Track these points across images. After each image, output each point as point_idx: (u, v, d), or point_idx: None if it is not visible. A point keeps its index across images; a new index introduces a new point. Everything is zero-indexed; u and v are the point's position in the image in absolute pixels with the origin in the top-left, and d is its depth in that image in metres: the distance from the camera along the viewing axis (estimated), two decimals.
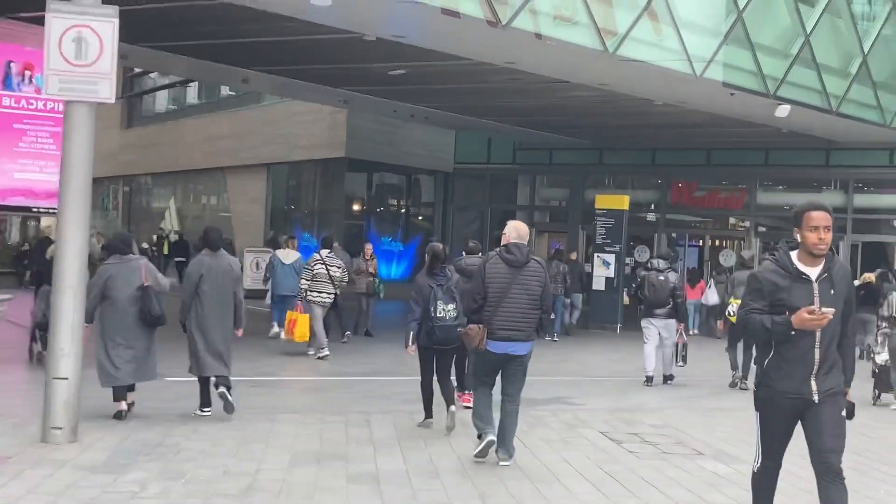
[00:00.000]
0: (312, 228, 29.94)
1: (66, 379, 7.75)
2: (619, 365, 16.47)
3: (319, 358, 14.93)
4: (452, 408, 9.43)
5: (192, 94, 38.55)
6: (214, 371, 9.71)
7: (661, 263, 13.92)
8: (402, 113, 25.15)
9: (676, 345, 13.73)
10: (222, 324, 9.84)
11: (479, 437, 8.41)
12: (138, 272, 9.39)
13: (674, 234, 28.96)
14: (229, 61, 19.66)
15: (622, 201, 23.14)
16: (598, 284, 22.42)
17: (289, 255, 17.82)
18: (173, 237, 34.85)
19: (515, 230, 8.31)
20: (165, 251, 32.95)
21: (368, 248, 19.74)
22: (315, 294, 15.25)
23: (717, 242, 29.37)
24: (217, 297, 9.76)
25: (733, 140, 25.71)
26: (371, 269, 18.98)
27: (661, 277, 13.65)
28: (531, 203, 31.08)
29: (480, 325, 8.08)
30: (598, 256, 22.84)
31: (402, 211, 32.29)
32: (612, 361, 17.01)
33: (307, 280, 15.46)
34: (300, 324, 14.78)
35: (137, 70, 40.52)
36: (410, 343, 9.43)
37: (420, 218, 32.34)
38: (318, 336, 15.09)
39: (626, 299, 22.97)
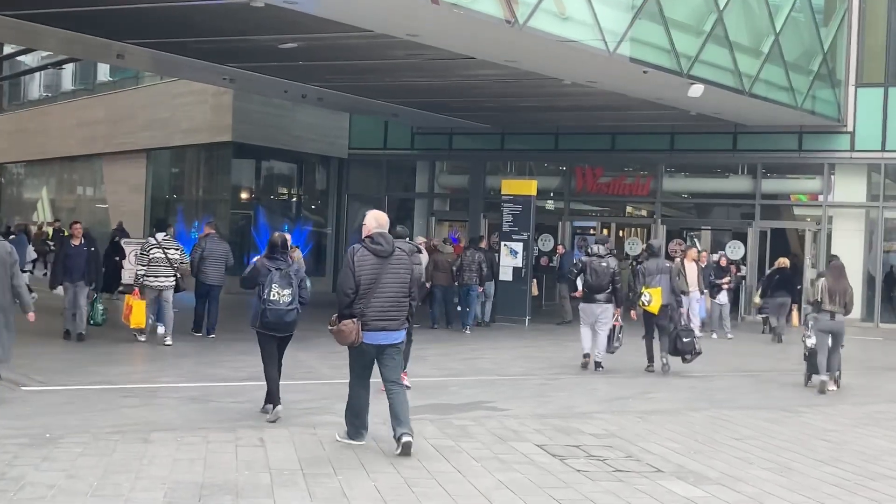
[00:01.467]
0: (197, 218, 27.95)
1: None
2: (534, 362, 15.21)
3: (166, 344, 14.78)
4: (280, 407, 9.29)
5: (66, 76, 36.09)
6: None
7: (601, 249, 14.17)
8: (293, 93, 23.45)
9: (613, 328, 14.01)
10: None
11: (353, 429, 8.36)
12: None
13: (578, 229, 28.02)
14: (102, 33, 17.78)
15: (530, 186, 21.92)
16: (506, 275, 21.13)
17: None
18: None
19: (375, 219, 8.32)
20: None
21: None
22: (152, 278, 15.09)
23: (623, 231, 28.52)
24: None
25: (639, 124, 24.94)
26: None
27: (604, 263, 13.90)
28: (430, 190, 29.77)
29: (354, 320, 7.98)
30: (504, 245, 21.55)
31: (294, 200, 30.54)
32: (526, 358, 15.70)
33: (143, 266, 15.23)
34: (136, 310, 14.83)
35: (7, 51, 38.11)
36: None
37: (313, 207, 30.63)
38: (167, 322, 15.05)
39: (534, 290, 21.81)
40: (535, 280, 21.99)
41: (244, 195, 28.74)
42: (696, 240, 26.51)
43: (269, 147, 27.78)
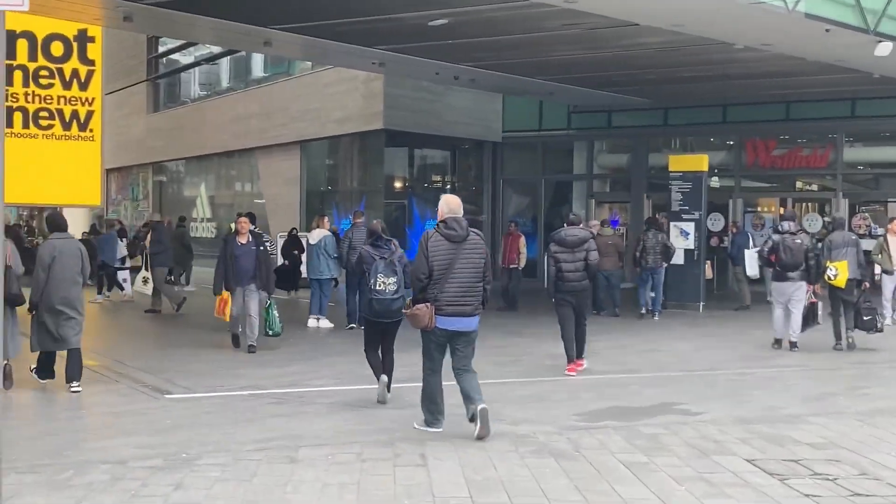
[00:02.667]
0: (351, 210, 27.31)
1: None
2: (718, 353, 13.79)
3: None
4: (384, 377, 9.49)
5: (222, 74, 36.13)
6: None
7: (792, 226, 13.78)
8: (444, 75, 22.48)
9: (812, 305, 13.65)
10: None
11: (431, 417, 8.25)
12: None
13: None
14: (248, 19, 17.17)
15: (700, 161, 20.36)
16: (677, 258, 19.65)
17: (315, 235, 16.48)
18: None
19: (447, 205, 8.25)
20: None
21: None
22: None
23: (798, 207, 26.53)
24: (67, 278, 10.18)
25: (816, 90, 22.96)
26: None
27: (798, 240, 13.50)
28: (589, 171, 28.41)
29: (428, 304, 7.98)
30: (674, 226, 20.08)
31: (448, 187, 29.59)
32: (709, 349, 14.27)
33: None
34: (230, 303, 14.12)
35: (161, 49, 38.54)
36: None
37: (466, 194, 29.62)
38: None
39: (708, 272, 20.29)
40: (708, 262, 20.47)
41: (397, 184, 27.98)
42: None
43: (422, 133, 26.91)
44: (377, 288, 9.23)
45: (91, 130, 28.24)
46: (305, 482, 6.52)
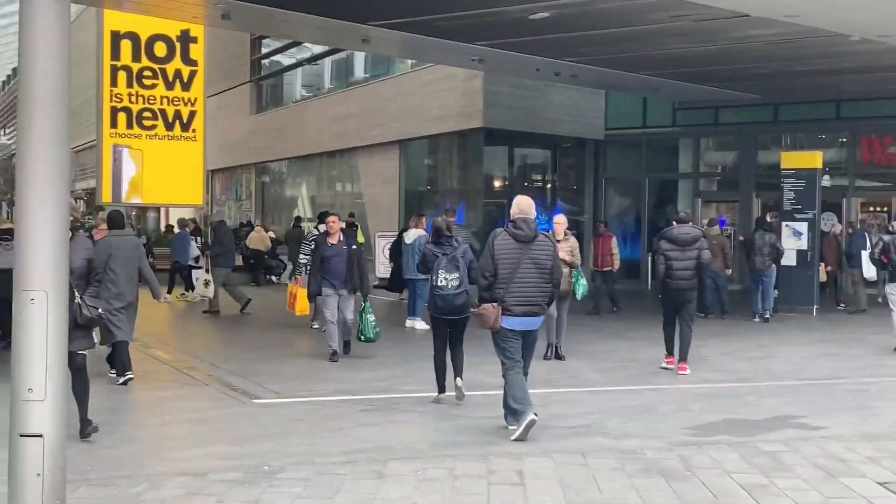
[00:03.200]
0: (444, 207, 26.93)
1: (41, 436, 4.84)
2: (837, 360, 12.98)
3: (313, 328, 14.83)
4: (458, 381, 9.47)
5: (320, 72, 36.17)
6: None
7: None
8: (545, 72, 21.90)
9: None
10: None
11: (516, 416, 8.05)
12: None
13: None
14: (346, 16, 16.88)
15: (814, 158, 19.47)
16: (788, 259, 18.79)
17: (411, 235, 16.33)
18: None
19: (518, 206, 8.28)
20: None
21: (560, 221, 12.96)
22: None
23: None
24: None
25: None
26: (568, 256, 12.33)
27: None
28: (695, 169, 27.53)
29: (494, 304, 8.00)
30: (786, 226, 19.19)
31: (549, 186, 29.00)
32: (827, 356, 13.46)
33: (306, 255, 15.10)
34: (300, 298, 14.66)
35: (264, 51, 38.78)
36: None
37: (567, 193, 28.99)
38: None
39: (822, 275, 19.35)
40: (822, 264, 19.53)
41: (497, 183, 27.50)
42: None
43: (522, 131, 26.37)
44: (439, 284, 9.31)
45: (193, 130, 28.42)
46: (392, 501, 6.10)
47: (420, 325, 16.09)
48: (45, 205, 4.74)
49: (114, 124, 25.84)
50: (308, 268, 14.90)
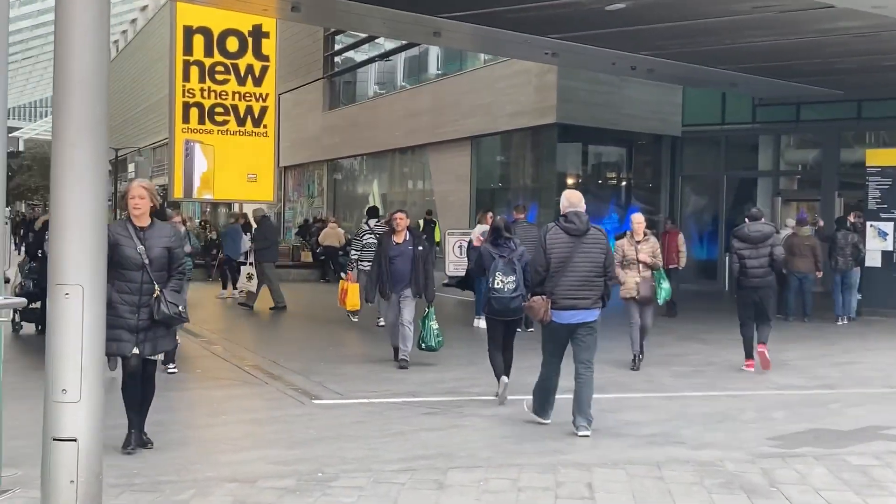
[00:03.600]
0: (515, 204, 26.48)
1: (75, 441, 4.56)
2: None
3: (380, 326, 14.44)
4: (504, 378, 9.39)
5: (392, 69, 35.93)
6: None
7: None
8: (621, 66, 21.33)
9: None
10: None
11: (536, 413, 8.36)
12: None
13: None
14: (417, 8, 16.56)
15: None
16: (873, 260, 18.03)
17: (477, 231, 15.91)
18: None
19: (568, 199, 8.31)
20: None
21: (639, 220, 12.08)
22: (366, 263, 14.33)
23: None
24: None
25: None
26: (649, 258, 11.67)
27: None
28: (775, 168, 26.70)
29: (544, 297, 8.03)
30: (871, 226, 18.43)
31: (623, 184, 28.38)
32: None
33: (357, 251, 15.58)
34: (351, 293, 14.78)
35: (337, 47, 38.70)
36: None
37: (643, 192, 28.35)
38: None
39: None
40: None
41: (570, 181, 26.95)
42: None
43: (596, 128, 25.85)
44: (495, 286, 9.27)
45: (265, 126, 28.27)
46: None
47: (485, 324, 15.75)
48: (81, 190, 4.43)
49: (186, 119, 25.89)
50: (359, 264, 15.16)
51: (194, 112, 25.64)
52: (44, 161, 74.81)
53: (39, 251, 12.96)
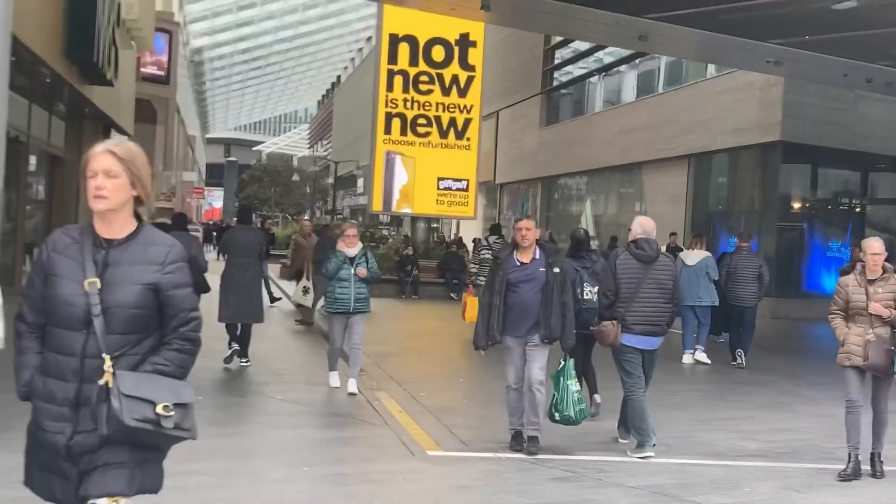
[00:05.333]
0: (738, 231, 24.38)
1: None
2: None
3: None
4: (597, 397, 9.46)
5: (614, 85, 34.41)
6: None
7: None
8: (854, 78, 19.01)
9: None
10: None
11: (640, 446, 7.94)
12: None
13: None
14: (620, 7, 15.18)
15: None
16: None
17: (692, 256, 14.48)
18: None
19: (641, 226, 8.21)
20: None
21: (877, 250, 7.60)
22: (483, 278, 13.31)
23: None
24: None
25: None
26: (885, 311, 7.44)
27: None
28: None
29: (614, 322, 7.96)
30: None
31: (857, 210, 25.74)
32: None
33: (475, 264, 15.82)
34: (470, 307, 14.45)
35: (556, 61, 37.58)
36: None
37: (879, 220, 25.64)
38: None
39: None
40: None
41: (795, 204, 24.67)
42: None
43: (826, 147, 23.50)
44: (585, 297, 9.20)
45: (468, 139, 27.25)
46: None
47: (702, 357, 14.16)
48: None
49: (388, 130, 25.30)
50: (477, 278, 15.20)
51: (396, 123, 25.05)
52: (272, 173, 77.32)
53: None
